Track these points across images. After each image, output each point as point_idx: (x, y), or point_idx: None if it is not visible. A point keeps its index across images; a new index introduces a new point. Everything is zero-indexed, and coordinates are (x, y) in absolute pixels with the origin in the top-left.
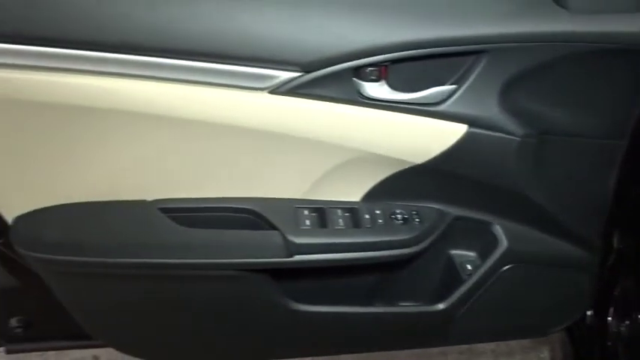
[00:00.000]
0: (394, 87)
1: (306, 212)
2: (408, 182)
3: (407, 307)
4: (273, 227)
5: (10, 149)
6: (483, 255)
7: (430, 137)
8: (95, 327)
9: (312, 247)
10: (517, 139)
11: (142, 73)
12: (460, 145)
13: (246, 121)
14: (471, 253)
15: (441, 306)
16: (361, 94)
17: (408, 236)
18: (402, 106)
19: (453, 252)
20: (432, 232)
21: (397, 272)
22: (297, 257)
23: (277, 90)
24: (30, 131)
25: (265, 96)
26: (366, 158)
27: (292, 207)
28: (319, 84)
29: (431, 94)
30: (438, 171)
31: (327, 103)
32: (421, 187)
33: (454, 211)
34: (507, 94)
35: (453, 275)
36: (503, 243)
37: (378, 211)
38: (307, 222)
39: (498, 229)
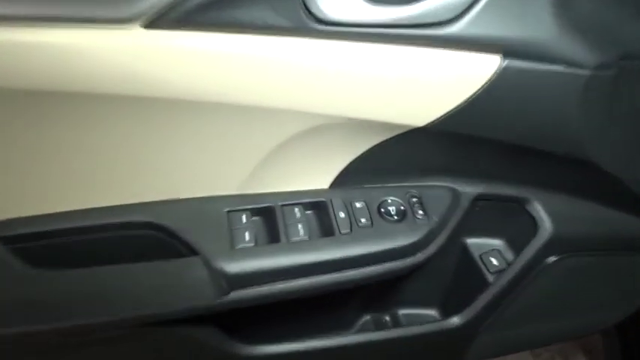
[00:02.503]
0: None
1: (244, 218)
2: (403, 155)
3: (407, 328)
4: (192, 249)
5: None
6: (516, 245)
7: (436, 83)
8: None
9: (257, 275)
10: (585, 72)
11: None
12: (488, 89)
13: (117, 72)
14: (497, 242)
15: (456, 320)
16: (312, 15)
17: (408, 241)
18: (385, 31)
19: (471, 241)
20: (444, 226)
21: (393, 281)
22: (234, 294)
23: (156, 22)
24: None
25: (139, 32)
26: (331, 125)
27: (221, 211)
28: (232, 2)
29: (433, 9)
30: (451, 135)
31: (248, 35)
32: (423, 159)
33: (474, 189)
34: None
35: (472, 275)
36: (546, 227)
37: (358, 204)
38: (247, 235)
39: (538, 208)
